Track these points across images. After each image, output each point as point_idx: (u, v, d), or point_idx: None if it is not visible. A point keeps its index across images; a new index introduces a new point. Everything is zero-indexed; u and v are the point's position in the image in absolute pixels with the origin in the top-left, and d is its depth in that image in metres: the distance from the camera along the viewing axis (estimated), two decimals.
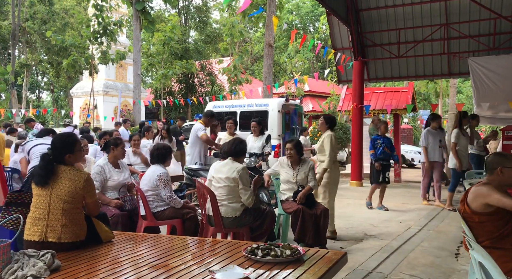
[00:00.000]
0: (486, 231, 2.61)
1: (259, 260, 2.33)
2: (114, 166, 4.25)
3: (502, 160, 2.68)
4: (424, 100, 25.21)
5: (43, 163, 2.64)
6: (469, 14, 9.17)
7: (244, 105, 11.84)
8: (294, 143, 4.49)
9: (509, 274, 2.39)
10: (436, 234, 5.39)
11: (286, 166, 4.55)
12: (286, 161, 4.56)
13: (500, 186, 2.67)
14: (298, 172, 4.48)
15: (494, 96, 8.84)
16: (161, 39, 18.97)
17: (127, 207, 4.06)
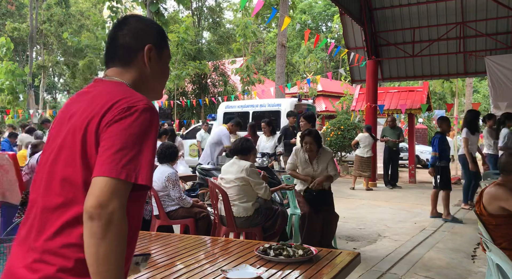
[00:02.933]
0: (503, 233, 2.56)
1: (272, 260, 2.33)
2: None
3: None
4: (439, 99, 24.83)
5: None
6: (486, 12, 9.00)
7: (256, 105, 11.87)
8: (314, 136, 4.03)
9: None
10: (451, 235, 5.31)
11: (303, 161, 4.15)
12: (303, 155, 4.16)
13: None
14: (314, 166, 4.10)
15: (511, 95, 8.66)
16: (174, 40, 19.11)
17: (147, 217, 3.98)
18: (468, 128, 6.70)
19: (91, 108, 1.05)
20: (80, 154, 1.02)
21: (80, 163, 1.02)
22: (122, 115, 1.01)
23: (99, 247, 0.94)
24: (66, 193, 1.02)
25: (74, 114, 1.09)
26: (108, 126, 1.01)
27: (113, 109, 1.02)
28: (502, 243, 2.52)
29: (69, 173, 1.03)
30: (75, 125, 1.05)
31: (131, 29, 1.19)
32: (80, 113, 1.07)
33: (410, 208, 7.10)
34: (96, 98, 1.08)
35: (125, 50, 1.18)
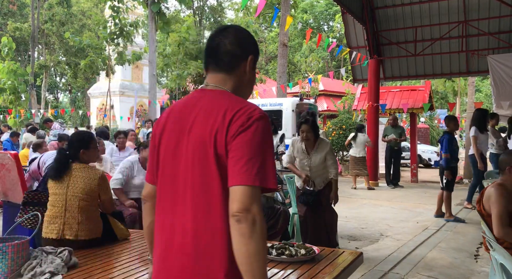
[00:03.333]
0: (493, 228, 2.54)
1: (274, 259, 2.32)
2: (143, 167, 4.24)
3: (511, 159, 2.61)
4: (441, 99, 24.76)
5: (59, 157, 2.70)
6: (489, 11, 8.95)
7: (258, 104, 11.85)
8: (310, 124, 3.84)
9: None
10: (454, 234, 5.29)
11: (300, 151, 4.00)
12: (300, 145, 4.00)
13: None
14: (312, 157, 3.93)
15: None
16: (176, 40, 19.12)
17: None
18: (477, 126, 6.61)
19: (212, 121, 1.18)
20: (216, 166, 1.15)
21: (217, 174, 1.16)
22: (244, 126, 1.14)
23: (249, 246, 1.08)
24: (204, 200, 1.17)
25: (193, 126, 1.22)
26: (234, 138, 1.14)
27: (235, 121, 1.15)
28: (504, 242, 2.50)
29: (207, 182, 1.17)
30: (201, 138, 1.18)
31: (237, 38, 1.29)
32: (200, 125, 1.20)
33: (412, 207, 7.09)
34: (212, 110, 1.20)
35: (232, 58, 1.27)
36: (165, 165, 1.27)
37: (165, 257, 1.24)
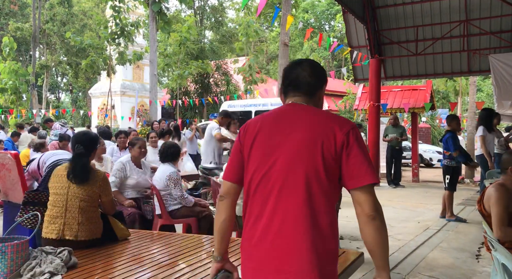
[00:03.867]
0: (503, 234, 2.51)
1: None
2: (136, 165, 4.26)
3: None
4: (443, 98, 24.73)
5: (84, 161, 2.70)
6: (490, 10, 8.92)
7: (259, 104, 11.88)
8: None
9: None
10: (455, 234, 5.27)
11: None
12: None
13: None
14: None
15: None
16: (177, 40, 19.13)
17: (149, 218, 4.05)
18: (484, 126, 6.57)
19: (319, 129, 1.41)
20: (323, 166, 1.37)
21: (324, 173, 1.37)
22: (353, 136, 1.39)
23: (384, 238, 1.38)
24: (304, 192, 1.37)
25: (294, 131, 1.43)
26: (346, 147, 1.37)
27: (342, 132, 1.39)
28: (505, 243, 2.49)
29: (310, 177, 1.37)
30: (307, 141, 1.40)
31: (314, 71, 1.56)
32: (304, 131, 1.42)
33: (414, 207, 7.07)
34: (314, 121, 1.44)
35: (311, 87, 1.54)
36: (257, 165, 1.46)
37: (263, 241, 1.40)
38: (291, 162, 1.40)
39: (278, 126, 1.48)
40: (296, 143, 1.41)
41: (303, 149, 1.39)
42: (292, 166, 1.39)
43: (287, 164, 1.40)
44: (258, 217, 1.43)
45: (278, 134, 1.45)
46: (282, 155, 1.42)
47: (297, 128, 1.44)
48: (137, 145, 4.27)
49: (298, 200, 1.37)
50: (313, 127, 1.42)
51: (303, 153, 1.39)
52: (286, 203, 1.38)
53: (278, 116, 1.51)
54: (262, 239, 1.40)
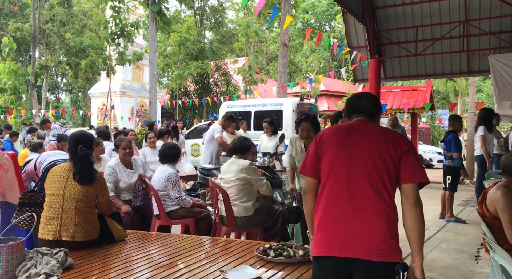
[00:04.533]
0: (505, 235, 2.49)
1: (272, 260, 2.31)
2: (126, 166, 4.17)
3: None
4: (443, 99, 24.74)
5: (89, 161, 2.70)
6: (490, 10, 8.91)
7: (258, 104, 11.84)
8: (311, 121, 3.59)
9: None
10: (455, 235, 5.26)
11: (299, 151, 3.68)
12: (298, 143, 3.71)
13: None
14: None
15: None
16: (177, 40, 19.12)
17: (137, 203, 3.99)
18: (485, 126, 6.53)
19: (386, 138, 1.89)
20: (392, 165, 1.83)
21: (393, 170, 1.83)
22: (411, 146, 1.87)
23: (421, 226, 1.82)
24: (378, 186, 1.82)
25: (366, 139, 1.90)
26: (405, 153, 1.85)
27: (406, 143, 1.88)
28: (504, 245, 2.48)
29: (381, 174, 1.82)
30: (377, 145, 1.87)
31: (372, 102, 2.06)
32: (374, 139, 1.89)
33: None
34: (381, 132, 1.93)
35: (370, 113, 2.03)
36: (335, 165, 1.91)
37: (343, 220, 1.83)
38: (365, 160, 1.85)
39: (351, 135, 1.94)
40: (368, 147, 1.87)
41: (375, 151, 1.85)
42: (366, 163, 1.85)
43: (362, 162, 1.86)
44: (341, 202, 1.85)
45: (352, 141, 1.92)
46: (357, 155, 1.87)
47: (368, 137, 1.91)
48: (120, 147, 4.15)
49: (373, 186, 1.82)
50: (381, 137, 1.90)
51: (375, 154, 1.85)
52: (364, 189, 1.82)
53: (351, 128, 1.98)
54: (342, 215, 1.84)
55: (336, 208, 1.85)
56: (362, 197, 1.82)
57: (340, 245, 1.80)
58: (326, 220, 1.86)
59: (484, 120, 6.69)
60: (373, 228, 1.79)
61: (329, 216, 1.86)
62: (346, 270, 1.82)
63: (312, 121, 3.60)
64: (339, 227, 1.82)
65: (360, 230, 1.79)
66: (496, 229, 2.54)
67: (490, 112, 7.01)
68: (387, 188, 1.82)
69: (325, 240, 1.84)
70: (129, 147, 4.17)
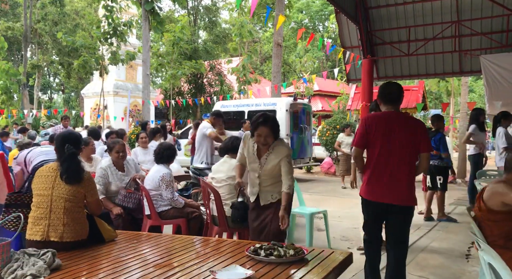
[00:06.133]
0: (501, 230, 2.53)
1: (262, 260, 2.30)
2: (118, 169, 4.08)
3: None
4: (435, 99, 24.91)
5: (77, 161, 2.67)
6: (481, 11, 8.98)
7: (252, 104, 11.84)
8: (271, 126, 3.00)
9: None
10: (446, 234, 5.29)
11: (251, 153, 3.14)
12: (251, 144, 3.13)
13: None
14: (263, 163, 3.09)
15: (507, 94, 8.62)
16: (170, 40, 19.06)
17: (130, 206, 3.93)
18: (476, 125, 6.66)
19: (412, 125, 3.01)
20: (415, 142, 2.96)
21: (416, 145, 2.96)
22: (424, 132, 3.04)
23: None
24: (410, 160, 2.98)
25: (399, 126, 2.95)
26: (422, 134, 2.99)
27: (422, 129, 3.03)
28: (498, 240, 2.50)
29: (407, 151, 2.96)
30: (407, 130, 2.96)
31: (401, 91, 3.10)
32: (404, 126, 2.98)
33: None
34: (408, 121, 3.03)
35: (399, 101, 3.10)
36: (380, 142, 2.98)
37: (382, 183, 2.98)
38: (402, 140, 2.95)
39: (390, 122, 2.99)
40: (403, 132, 2.96)
41: (409, 135, 2.96)
42: (402, 142, 2.94)
43: (399, 142, 2.94)
44: (383, 168, 2.97)
45: (391, 126, 2.97)
46: (395, 137, 2.95)
47: (402, 124, 2.99)
48: (114, 150, 4.05)
49: (403, 159, 2.95)
50: (411, 125, 3.01)
51: (408, 137, 2.96)
52: (398, 161, 2.95)
53: (388, 117, 3.02)
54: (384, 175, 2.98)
55: (380, 171, 2.96)
56: (396, 166, 2.93)
57: (382, 194, 2.97)
58: (373, 178, 2.99)
59: (475, 119, 6.77)
60: (401, 184, 2.94)
61: (375, 176, 2.98)
62: (383, 211, 3.02)
63: (271, 126, 2.99)
64: (381, 183, 2.96)
65: (393, 186, 2.94)
66: (491, 223, 2.55)
67: (480, 111, 7.11)
68: (411, 160, 2.96)
69: (372, 191, 3.00)
70: (122, 151, 4.07)
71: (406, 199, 2.97)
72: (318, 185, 10.20)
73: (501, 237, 2.50)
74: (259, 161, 3.09)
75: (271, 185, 3.12)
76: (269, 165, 3.07)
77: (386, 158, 2.93)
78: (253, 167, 3.14)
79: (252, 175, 3.17)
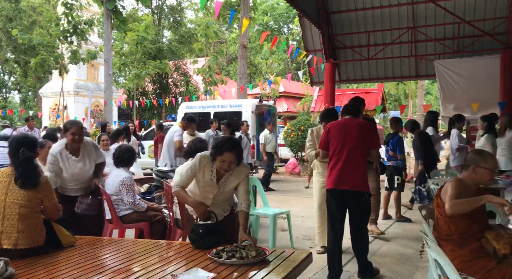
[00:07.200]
0: (457, 227, 2.62)
1: (224, 262, 2.32)
2: (72, 153, 3.58)
3: (478, 158, 2.69)
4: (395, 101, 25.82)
5: (33, 165, 2.59)
6: (435, 18, 9.46)
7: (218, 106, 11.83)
8: (237, 151, 2.71)
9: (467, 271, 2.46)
10: (403, 232, 5.54)
11: (207, 178, 2.82)
12: (208, 170, 2.81)
13: (474, 184, 2.68)
14: (224, 185, 2.86)
15: (458, 97, 9.14)
16: (134, 39, 18.68)
17: (78, 211, 3.62)
18: (432, 127, 6.92)
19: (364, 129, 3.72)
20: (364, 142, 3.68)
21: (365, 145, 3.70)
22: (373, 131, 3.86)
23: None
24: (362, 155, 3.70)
25: (353, 129, 3.68)
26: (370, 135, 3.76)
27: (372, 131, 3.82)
28: (453, 235, 2.60)
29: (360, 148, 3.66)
30: (359, 133, 3.67)
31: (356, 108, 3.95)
32: (357, 129, 3.68)
33: None
34: (361, 125, 3.73)
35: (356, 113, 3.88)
36: (336, 142, 3.67)
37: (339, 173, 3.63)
38: (353, 139, 3.62)
39: (345, 125, 3.72)
40: (354, 132, 3.64)
41: (359, 135, 3.64)
42: (354, 140, 3.62)
43: (351, 141, 3.62)
44: (341, 163, 3.62)
45: (345, 129, 3.69)
46: (349, 138, 3.63)
47: (353, 126, 3.68)
48: (69, 131, 3.52)
49: (355, 153, 3.61)
50: (360, 126, 3.68)
51: (358, 136, 3.63)
52: (351, 155, 3.60)
53: (344, 122, 3.78)
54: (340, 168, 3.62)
55: (338, 164, 3.64)
56: (350, 159, 3.60)
57: (340, 183, 3.62)
58: (333, 170, 3.66)
59: (432, 121, 7.12)
60: (355, 173, 3.60)
61: (334, 168, 3.65)
62: (342, 197, 3.66)
63: (237, 151, 2.70)
64: (338, 173, 3.62)
65: (348, 175, 3.60)
66: (447, 219, 2.63)
67: (436, 114, 7.49)
68: (363, 154, 3.65)
69: (331, 181, 3.66)
70: (79, 134, 3.54)
71: (359, 186, 3.62)
72: (283, 185, 10.35)
73: (457, 233, 2.60)
74: (217, 185, 2.84)
75: (224, 201, 2.99)
76: (228, 187, 2.87)
77: (341, 153, 3.63)
78: (208, 190, 2.86)
79: (202, 196, 2.86)
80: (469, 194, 2.58)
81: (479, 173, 2.64)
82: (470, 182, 2.67)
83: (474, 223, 2.58)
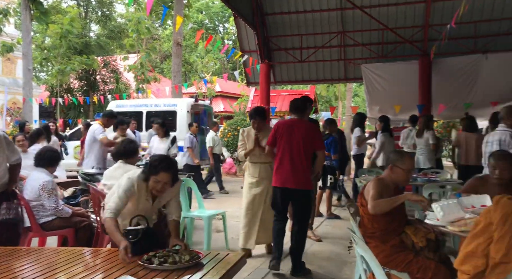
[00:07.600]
0: (379, 224, 2.76)
1: (156, 268, 2.24)
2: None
3: (396, 158, 2.81)
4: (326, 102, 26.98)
5: None
6: (362, 24, 9.99)
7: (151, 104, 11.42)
8: (172, 171, 2.64)
9: (390, 265, 2.63)
10: (332, 229, 5.79)
11: (143, 197, 2.77)
12: (144, 192, 2.76)
13: (392, 183, 2.81)
14: (158, 202, 2.86)
15: (383, 100, 9.75)
16: (57, 32, 17.40)
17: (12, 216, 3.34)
18: (360, 127, 7.40)
19: (309, 129, 3.93)
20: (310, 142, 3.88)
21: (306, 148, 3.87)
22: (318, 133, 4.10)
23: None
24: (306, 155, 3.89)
25: (299, 129, 3.87)
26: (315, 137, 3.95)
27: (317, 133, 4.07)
28: (376, 232, 2.75)
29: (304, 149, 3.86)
30: (305, 133, 3.86)
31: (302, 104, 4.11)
32: (303, 130, 3.88)
33: None
34: (307, 126, 3.94)
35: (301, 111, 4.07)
36: (283, 141, 3.88)
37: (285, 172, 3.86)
38: (299, 140, 3.81)
39: (292, 126, 3.89)
40: (300, 134, 3.82)
41: (304, 136, 3.82)
42: (299, 141, 3.80)
43: (297, 142, 3.80)
44: (286, 161, 3.83)
45: (292, 129, 3.86)
46: (295, 137, 3.82)
47: (300, 128, 3.85)
48: None
49: (300, 154, 3.80)
50: (306, 128, 3.87)
51: (304, 137, 3.81)
52: (296, 155, 3.80)
53: (291, 123, 3.95)
54: (286, 167, 3.82)
55: (284, 164, 3.83)
56: (295, 159, 3.79)
57: (285, 181, 3.82)
58: (279, 169, 3.86)
59: (360, 122, 7.56)
60: (299, 173, 3.79)
61: (281, 167, 3.85)
62: (287, 194, 3.87)
63: (173, 172, 2.63)
64: (284, 172, 3.82)
65: (293, 174, 3.79)
66: (371, 217, 2.77)
67: (363, 116, 7.99)
68: (307, 155, 3.82)
69: (277, 179, 3.88)
70: None
71: (303, 184, 3.83)
72: None
73: (380, 230, 2.75)
74: (152, 204, 2.81)
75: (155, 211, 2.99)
76: (161, 203, 2.87)
77: (288, 153, 3.82)
78: (142, 208, 2.79)
79: (135, 212, 2.77)
80: (388, 193, 2.72)
81: (396, 173, 2.77)
82: (390, 181, 2.80)
83: (394, 220, 2.75)
